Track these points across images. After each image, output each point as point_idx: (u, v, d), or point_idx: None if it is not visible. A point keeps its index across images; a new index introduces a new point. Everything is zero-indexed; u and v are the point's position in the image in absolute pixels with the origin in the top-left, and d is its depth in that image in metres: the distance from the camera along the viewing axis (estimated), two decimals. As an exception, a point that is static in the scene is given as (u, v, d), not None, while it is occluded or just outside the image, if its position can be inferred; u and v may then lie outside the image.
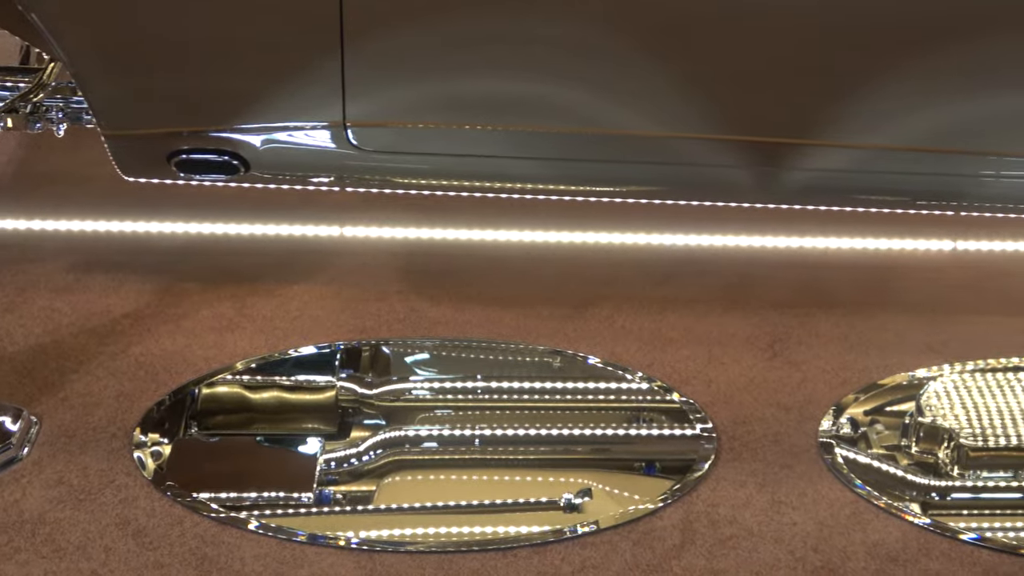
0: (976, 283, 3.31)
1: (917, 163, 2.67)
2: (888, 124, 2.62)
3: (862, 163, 2.66)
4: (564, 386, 2.92)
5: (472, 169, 2.71)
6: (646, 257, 3.34)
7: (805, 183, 2.69)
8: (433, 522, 2.59)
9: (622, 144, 2.65)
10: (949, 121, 2.62)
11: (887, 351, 3.06)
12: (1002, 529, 2.59)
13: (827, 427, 2.82)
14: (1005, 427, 2.74)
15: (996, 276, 3.34)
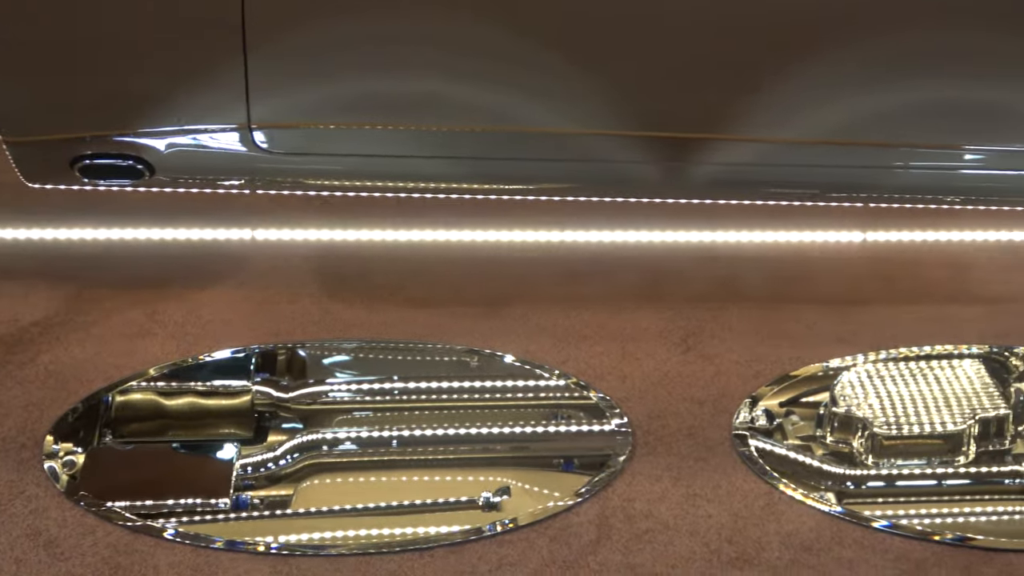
0: (886, 273, 3.39)
1: (826, 155, 2.72)
2: (796, 117, 2.67)
3: (770, 156, 2.71)
4: (481, 385, 2.96)
5: (381, 169, 2.73)
6: (559, 254, 3.39)
7: (714, 177, 2.74)
8: (351, 524, 2.61)
9: (532, 141, 2.69)
10: (856, 113, 2.67)
11: (799, 343, 3.11)
12: (915, 516, 2.64)
13: (741, 419, 2.87)
14: (918, 415, 2.79)
15: (906, 266, 3.42)
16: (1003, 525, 2.63)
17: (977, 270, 3.45)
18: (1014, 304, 3.32)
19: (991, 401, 2.82)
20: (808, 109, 2.64)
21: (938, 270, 3.43)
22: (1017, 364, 3.06)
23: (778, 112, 2.64)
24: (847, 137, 2.70)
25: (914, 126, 2.71)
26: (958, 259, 3.49)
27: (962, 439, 2.76)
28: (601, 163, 2.73)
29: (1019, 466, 2.72)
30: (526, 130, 2.66)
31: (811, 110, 2.65)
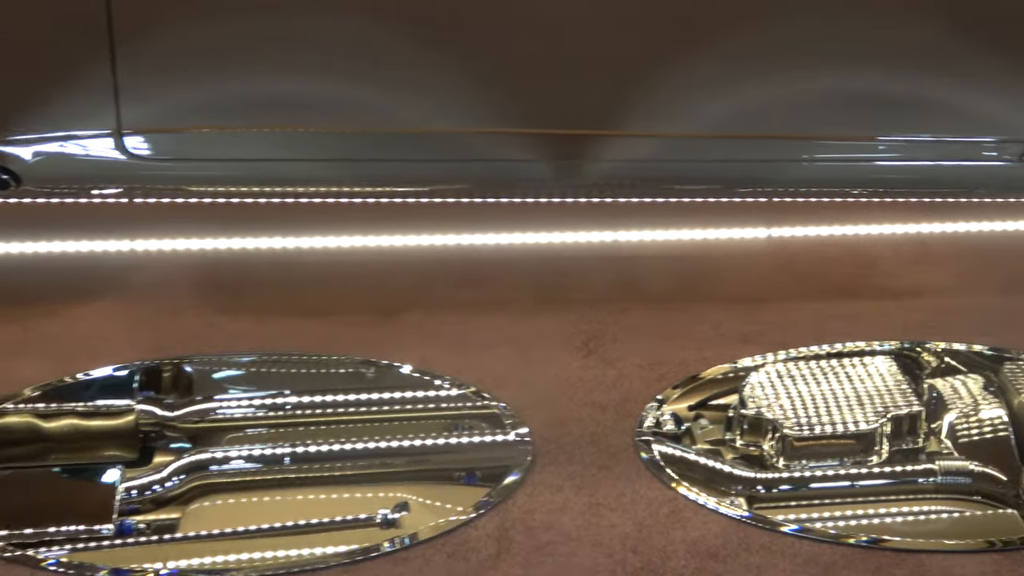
0: (791, 269, 3.42)
1: (727, 149, 2.76)
2: (694, 110, 2.70)
3: (668, 151, 2.74)
4: (377, 397, 2.94)
5: (265, 174, 2.71)
6: (453, 258, 3.38)
7: (610, 174, 2.77)
8: (243, 547, 2.58)
9: (420, 142, 2.69)
10: (758, 105, 2.69)
11: (705, 343, 3.13)
12: (828, 519, 2.65)
13: (645, 425, 2.87)
14: (830, 415, 2.80)
15: (811, 262, 3.46)
16: (916, 525, 2.64)
17: (885, 264, 3.50)
18: (923, 298, 3.37)
19: (903, 398, 2.83)
20: (706, 102, 2.66)
21: (845, 265, 3.47)
22: (929, 360, 3.10)
23: (674, 106, 2.65)
24: (749, 130, 2.72)
25: (819, 117, 2.73)
26: (865, 253, 3.53)
27: (874, 438, 2.76)
28: (493, 162, 2.73)
29: (932, 464, 2.73)
30: (413, 131, 2.66)
31: (709, 103, 2.66)
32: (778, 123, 2.78)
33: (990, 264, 3.58)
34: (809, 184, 2.90)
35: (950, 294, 3.43)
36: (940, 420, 2.85)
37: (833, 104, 2.78)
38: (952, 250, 3.61)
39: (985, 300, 3.41)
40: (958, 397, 2.90)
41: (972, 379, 2.97)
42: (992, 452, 2.77)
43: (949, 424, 2.84)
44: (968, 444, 2.80)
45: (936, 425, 2.85)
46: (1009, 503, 2.68)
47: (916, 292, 3.39)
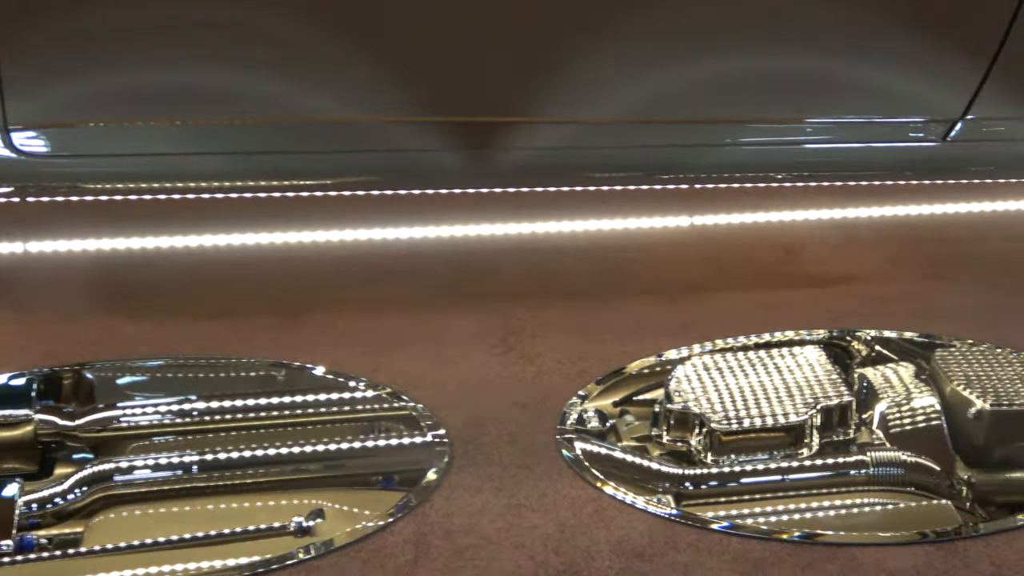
0: (715, 258, 3.43)
1: (645, 135, 2.75)
2: (610, 95, 2.68)
3: (584, 138, 2.73)
4: (288, 401, 2.89)
5: (159, 169, 2.67)
6: (363, 254, 3.36)
7: (524, 163, 2.75)
8: (150, 560, 2.53)
9: (324, 132, 2.66)
10: (677, 88, 2.68)
11: (627, 337, 3.12)
12: (755, 515, 2.65)
13: (567, 422, 2.86)
14: (759, 407, 2.79)
15: (735, 249, 3.48)
16: (849, 518, 2.65)
17: (811, 251, 3.52)
18: (851, 285, 3.39)
19: (833, 389, 2.83)
20: (623, 86, 2.64)
21: (770, 252, 3.49)
22: (859, 348, 3.11)
23: (589, 91, 2.63)
24: (668, 114, 2.71)
25: (741, 100, 2.72)
26: (790, 240, 3.54)
27: (804, 430, 2.77)
28: (401, 153, 2.71)
29: (864, 456, 2.73)
30: (315, 120, 2.62)
31: (626, 87, 2.65)
32: (698, 107, 2.77)
33: (918, 248, 3.61)
34: (732, 169, 2.90)
35: (879, 280, 3.44)
36: (871, 410, 2.86)
37: (756, 86, 2.78)
38: (880, 235, 3.64)
39: (914, 286, 3.43)
40: (889, 386, 2.90)
41: (903, 367, 2.97)
42: (925, 442, 2.78)
43: (880, 414, 2.84)
44: (900, 434, 2.81)
45: (867, 415, 2.85)
46: (943, 493, 2.70)
47: (844, 279, 3.41)
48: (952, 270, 3.53)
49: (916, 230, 3.68)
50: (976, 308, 3.35)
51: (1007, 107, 2.92)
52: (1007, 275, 3.53)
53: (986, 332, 3.21)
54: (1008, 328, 3.25)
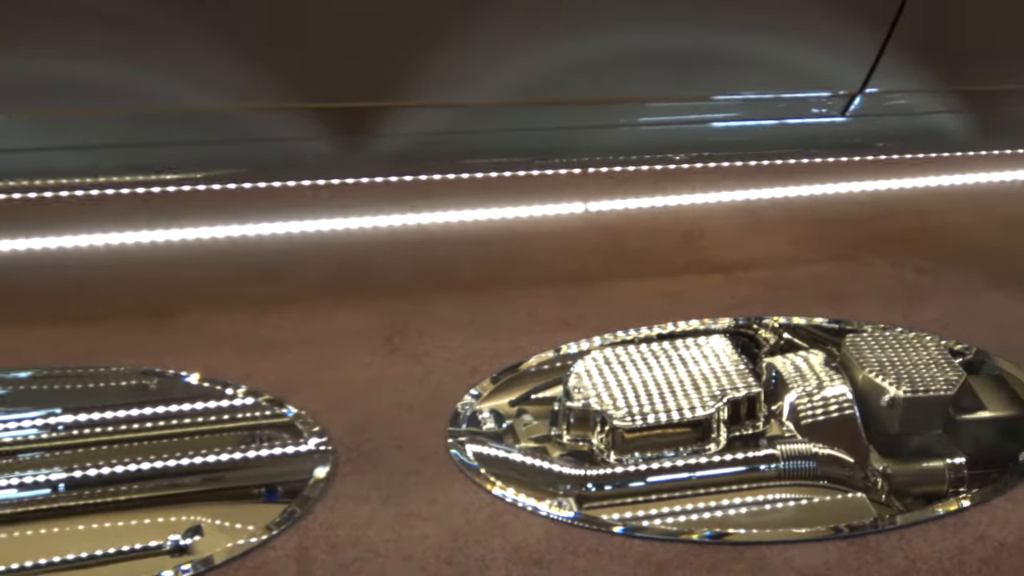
0: (613, 246, 3.44)
1: (533, 117, 2.72)
2: (493, 75, 2.65)
3: (466, 122, 2.69)
4: (160, 411, 2.86)
5: (9, 166, 2.60)
6: (235, 251, 3.35)
7: (402, 150, 2.71)
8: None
9: (187, 123, 2.60)
10: (565, 68, 2.65)
11: (520, 331, 3.13)
12: (661, 515, 2.64)
13: (459, 424, 2.84)
14: (664, 401, 2.79)
15: (633, 236, 3.49)
16: (759, 516, 2.64)
17: (712, 235, 3.54)
18: (755, 270, 3.41)
19: (740, 380, 2.83)
20: (506, 65, 2.61)
21: (670, 237, 3.50)
22: (766, 337, 3.13)
23: (471, 71, 2.61)
24: (556, 94, 2.70)
25: (634, 78, 2.72)
26: (691, 224, 3.57)
27: (711, 425, 2.76)
28: (270, 143, 2.66)
29: (774, 449, 2.73)
30: (178, 110, 2.57)
31: (510, 66, 2.61)
32: (589, 86, 2.75)
33: (824, 229, 3.64)
34: (627, 151, 2.88)
35: (784, 264, 3.47)
36: (780, 401, 2.86)
37: (651, 63, 2.77)
38: (784, 216, 3.67)
39: (822, 268, 3.45)
40: (799, 375, 2.90)
41: (813, 355, 2.97)
42: (837, 433, 2.79)
43: (790, 405, 2.84)
44: (811, 425, 2.81)
45: (776, 407, 2.85)
46: (856, 486, 2.70)
47: (748, 264, 3.43)
48: (860, 251, 3.56)
49: (821, 210, 3.72)
50: (887, 290, 3.38)
51: (906, 79, 2.96)
52: (918, 255, 3.57)
53: (898, 315, 3.25)
54: (920, 310, 3.28)
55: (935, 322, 3.21)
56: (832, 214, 3.68)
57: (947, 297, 3.35)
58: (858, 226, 3.67)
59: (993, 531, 2.58)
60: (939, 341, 3.03)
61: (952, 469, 2.73)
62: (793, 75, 2.87)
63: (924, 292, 3.37)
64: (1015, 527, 2.59)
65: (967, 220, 3.78)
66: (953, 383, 2.82)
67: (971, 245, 3.65)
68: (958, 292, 3.37)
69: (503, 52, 2.57)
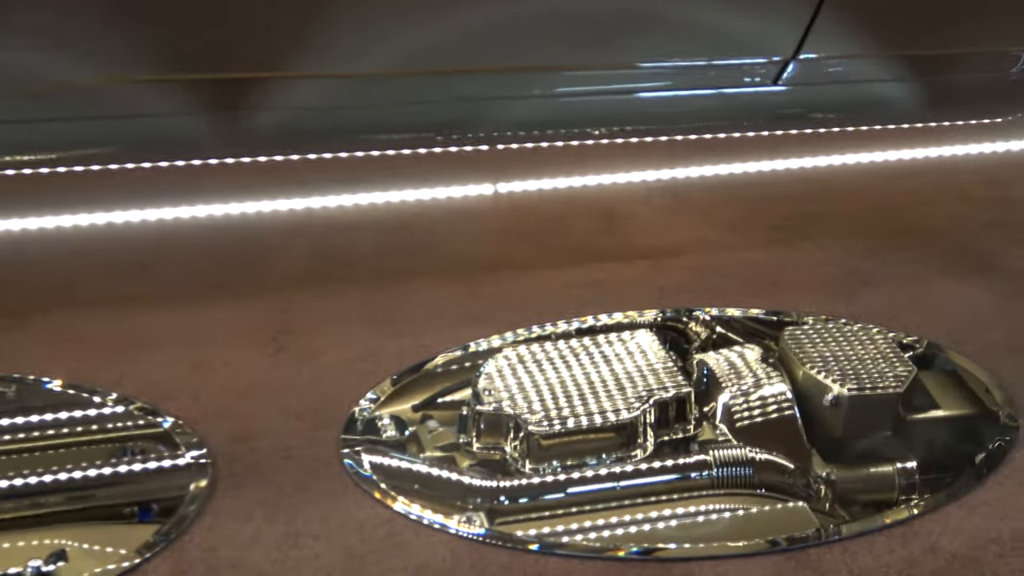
0: (523, 230, 3.45)
1: (435, 87, 2.72)
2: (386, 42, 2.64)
3: (357, 95, 2.70)
4: (20, 422, 2.81)
5: None
6: (101, 241, 3.33)
7: (281, 127, 2.71)
8: None
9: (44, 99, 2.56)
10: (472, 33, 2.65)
11: (422, 327, 3.12)
12: (582, 530, 2.63)
13: (354, 432, 2.83)
14: (585, 404, 2.77)
15: (549, 220, 3.49)
16: (690, 529, 2.63)
17: (636, 218, 3.55)
18: (683, 256, 3.42)
19: (669, 378, 2.82)
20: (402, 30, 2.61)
21: (589, 221, 3.51)
22: (697, 331, 3.14)
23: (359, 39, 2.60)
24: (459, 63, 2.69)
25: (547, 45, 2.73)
26: (612, 206, 3.58)
27: (637, 429, 2.75)
28: (138, 119, 2.63)
29: (706, 455, 2.72)
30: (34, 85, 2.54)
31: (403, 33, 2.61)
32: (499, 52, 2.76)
33: (759, 210, 3.66)
34: (542, 125, 2.90)
35: (715, 249, 3.49)
36: (713, 402, 2.86)
37: (568, 26, 2.79)
38: (714, 196, 3.70)
39: (757, 254, 3.47)
40: (733, 373, 2.90)
41: (748, 350, 2.97)
42: (776, 436, 2.80)
43: (724, 406, 2.84)
44: (748, 428, 2.81)
45: (709, 408, 2.85)
46: (797, 494, 2.70)
47: (676, 249, 3.44)
48: (799, 235, 3.58)
49: (755, 189, 3.74)
50: (828, 278, 3.39)
51: (844, 44, 2.97)
52: (861, 238, 3.59)
53: (840, 305, 3.26)
54: (865, 299, 3.30)
55: (881, 312, 3.22)
56: (767, 193, 3.70)
57: (894, 284, 3.37)
58: (796, 206, 3.69)
59: (945, 541, 2.58)
60: (886, 333, 3.05)
61: (902, 474, 2.74)
62: (722, 40, 2.89)
63: (868, 279, 3.39)
64: (968, 536, 2.58)
65: (915, 199, 3.81)
66: (902, 380, 2.82)
67: (920, 226, 3.67)
68: (906, 278, 3.39)
69: (402, 15, 2.56)
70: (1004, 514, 2.63)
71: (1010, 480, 2.72)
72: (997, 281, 3.38)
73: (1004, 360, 3.06)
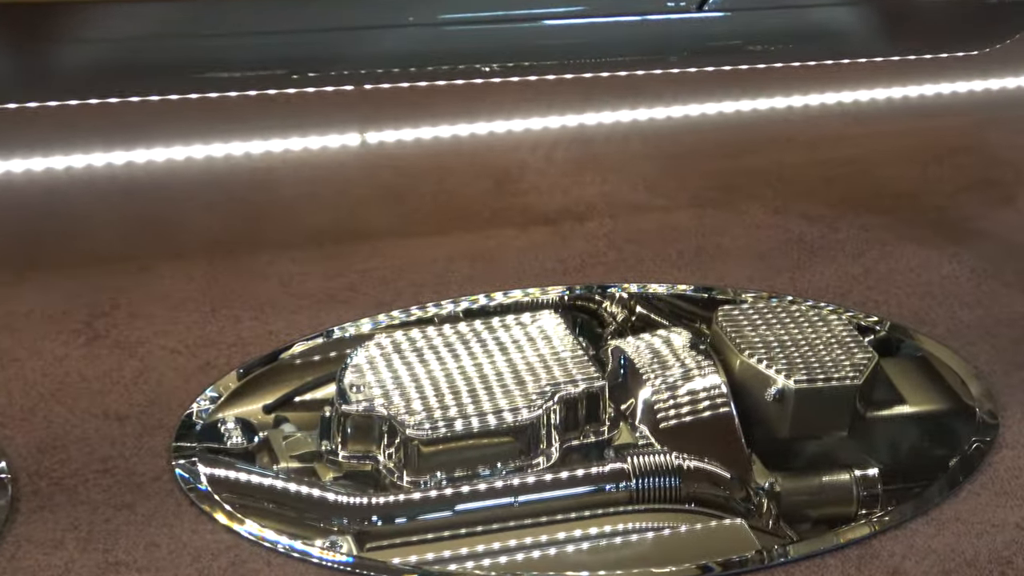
0: (394, 192, 3.46)
1: (285, 15, 2.70)
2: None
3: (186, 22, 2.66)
4: None
5: None
6: None
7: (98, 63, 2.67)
8: None
9: None
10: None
11: (273, 310, 3.12)
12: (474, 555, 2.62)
13: (189, 439, 2.80)
14: (476, 402, 2.76)
15: (423, 177, 3.50)
16: (603, 552, 2.64)
17: (533, 175, 3.56)
18: (591, 221, 3.43)
19: (578, 370, 2.82)
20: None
21: (476, 178, 3.52)
22: (612, 312, 3.15)
23: None
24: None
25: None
26: (505, 160, 3.59)
27: (539, 432, 2.74)
28: None
29: (624, 463, 2.71)
30: None
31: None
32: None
33: (682, 166, 3.68)
34: (418, 61, 2.89)
35: (630, 212, 3.50)
36: (632, 398, 2.86)
37: None
38: (628, 148, 3.71)
39: (680, 218, 3.48)
40: (657, 363, 2.89)
41: (674, 335, 2.97)
42: (709, 438, 2.80)
43: (645, 403, 2.84)
44: (674, 430, 2.81)
45: (627, 406, 2.86)
46: (734, 509, 2.71)
47: (582, 213, 3.45)
48: (731, 194, 3.60)
49: (679, 139, 3.76)
50: (768, 246, 3.41)
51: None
52: (806, 198, 3.60)
53: (784, 279, 3.27)
54: (813, 272, 3.30)
55: (833, 288, 3.24)
56: (696, 144, 3.72)
57: (847, 254, 3.38)
58: (730, 160, 3.71)
59: (910, 565, 2.58)
60: (841, 313, 3.06)
61: (861, 483, 2.77)
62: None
63: (817, 248, 3.40)
64: (939, 558, 2.59)
65: (870, 151, 3.83)
66: (860, 369, 2.84)
67: (877, 184, 3.70)
68: (861, 247, 3.41)
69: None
70: (981, 531, 2.63)
71: (988, 490, 2.72)
72: (972, 250, 3.41)
73: (981, 344, 3.08)
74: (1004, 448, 2.82)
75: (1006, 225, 3.52)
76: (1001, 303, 3.22)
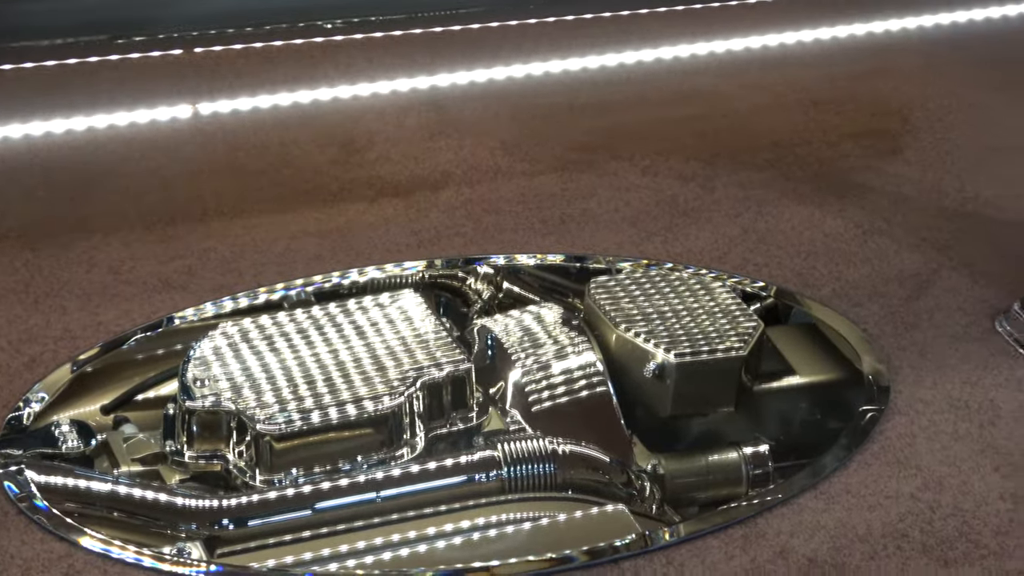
0: (229, 166, 3.45)
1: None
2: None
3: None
4: None
5: None
6: None
7: None
8: None
9: None
10: None
11: (103, 298, 3.09)
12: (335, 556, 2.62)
13: (15, 444, 2.73)
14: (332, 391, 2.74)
15: (257, 149, 3.49)
16: (475, 547, 2.64)
17: (382, 142, 3.56)
18: (447, 189, 3.44)
19: (442, 352, 2.81)
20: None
21: (319, 147, 3.52)
22: (478, 289, 3.15)
23: None
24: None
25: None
26: (351, 129, 3.57)
27: (402, 420, 2.74)
28: None
29: (494, 451, 2.71)
30: None
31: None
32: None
33: (543, 126, 3.67)
34: (252, 19, 2.87)
35: (489, 178, 3.49)
36: (501, 381, 2.87)
37: None
38: (484, 110, 3.71)
39: (547, 181, 3.48)
40: (527, 341, 2.91)
41: (545, 310, 2.98)
42: (585, 420, 2.82)
43: (515, 385, 2.86)
44: (548, 412, 2.83)
45: (496, 389, 2.87)
46: (614, 495, 2.71)
47: (437, 181, 3.44)
48: (596, 153, 3.59)
49: (545, 98, 3.76)
50: (639, 208, 3.40)
51: None
52: (677, 153, 3.60)
53: (656, 243, 3.27)
54: (688, 234, 3.31)
55: (711, 250, 3.24)
56: (555, 103, 3.71)
57: (725, 214, 3.39)
58: (592, 119, 3.71)
59: (798, 543, 2.59)
60: (723, 279, 3.07)
61: (752, 461, 2.78)
62: None
63: (691, 208, 3.40)
64: (829, 534, 2.60)
65: (747, 101, 3.84)
66: (745, 339, 2.85)
67: (755, 137, 3.70)
68: (740, 206, 3.42)
69: None
70: (874, 503, 2.65)
71: (880, 460, 2.74)
72: (858, 206, 3.43)
73: (870, 304, 3.10)
74: (896, 414, 2.84)
75: (893, 177, 3.53)
76: (889, 260, 3.23)
